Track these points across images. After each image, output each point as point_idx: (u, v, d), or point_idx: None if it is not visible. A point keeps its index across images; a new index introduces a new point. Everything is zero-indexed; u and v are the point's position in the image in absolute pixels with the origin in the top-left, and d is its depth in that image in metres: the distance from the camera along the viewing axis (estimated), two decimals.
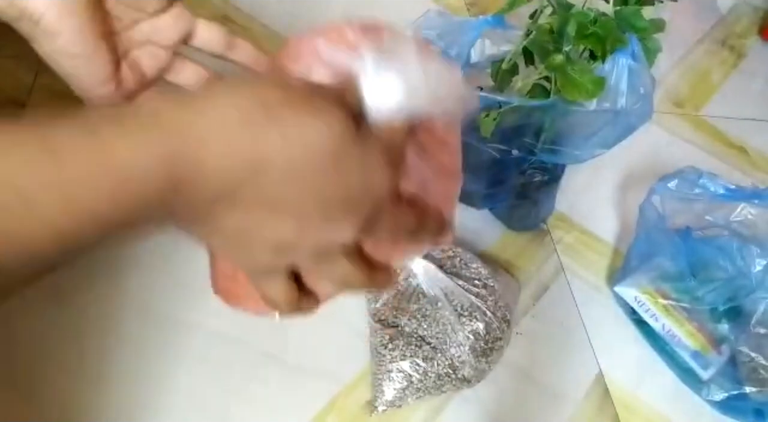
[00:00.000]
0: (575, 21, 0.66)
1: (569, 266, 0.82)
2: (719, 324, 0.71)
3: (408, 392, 0.64)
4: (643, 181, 0.77)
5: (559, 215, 0.88)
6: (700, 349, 0.71)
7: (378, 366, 0.65)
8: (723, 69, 1.18)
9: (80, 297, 0.65)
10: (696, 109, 1.10)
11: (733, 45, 1.23)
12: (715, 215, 0.72)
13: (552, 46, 0.67)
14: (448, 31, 0.74)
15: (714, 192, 0.71)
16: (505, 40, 0.76)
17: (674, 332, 0.73)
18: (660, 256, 0.73)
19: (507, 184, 0.80)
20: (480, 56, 0.78)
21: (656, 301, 0.74)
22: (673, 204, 0.72)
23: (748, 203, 0.71)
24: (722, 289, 0.69)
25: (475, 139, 0.73)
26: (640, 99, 0.66)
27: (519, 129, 0.72)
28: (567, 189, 0.86)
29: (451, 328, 0.66)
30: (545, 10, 0.70)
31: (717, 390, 0.71)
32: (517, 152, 0.73)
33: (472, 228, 0.82)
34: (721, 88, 1.15)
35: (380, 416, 0.64)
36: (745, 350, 0.69)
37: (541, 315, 0.77)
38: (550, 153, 0.73)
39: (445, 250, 0.73)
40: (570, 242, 0.85)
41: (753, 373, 0.69)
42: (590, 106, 0.68)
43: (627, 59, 0.66)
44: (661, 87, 1.06)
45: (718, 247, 0.70)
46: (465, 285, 0.69)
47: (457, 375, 0.65)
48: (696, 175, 0.72)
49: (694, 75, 1.15)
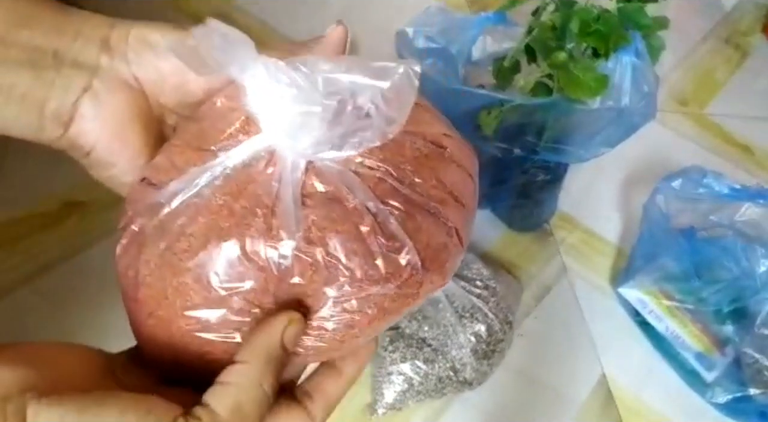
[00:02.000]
0: (578, 18, 0.65)
1: (572, 267, 0.82)
2: (723, 325, 0.71)
3: (408, 395, 0.64)
4: (647, 180, 0.76)
5: (561, 215, 0.87)
6: (704, 351, 0.71)
7: (378, 368, 0.65)
8: (727, 67, 1.18)
9: (77, 296, 0.65)
10: (700, 108, 1.09)
11: (737, 43, 1.22)
12: (719, 215, 0.72)
13: (554, 44, 0.67)
14: (448, 28, 0.73)
15: (718, 191, 0.70)
16: (507, 37, 0.76)
17: (678, 333, 0.72)
18: (664, 257, 0.72)
19: (509, 183, 0.79)
20: (481, 54, 0.78)
21: (660, 302, 0.73)
22: (677, 203, 0.72)
23: (753, 203, 0.70)
24: (727, 290, 0.69)
25: (476, 137, 0.72)
26: (644, 97, 0.65)
27: (521, 127, 0.72)
28: (570, 188, 0.86)
29: (452, 330, 0.65)
30: (548, 6, 0.70)
31: (721, 392, 0.70)
32: (519, 151, 0.73)
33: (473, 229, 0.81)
34: (725, 86, 1.14)
35: (380, 419, 0.64)
36: (750, 351, 0.69)
37: (544, 317, 0.76)
38: (553, 152, 0.72)
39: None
40: (573, 242, 0.85)
41: (758, 375, 0.68)
42: (593, 105, 0.67)
43: (630, 57, 0.65)
44: (664, 85, 1.05)
45: (722, 248, 0.70)
46: (466, 287, 0.68)
47: (458, 377, 0.65)
48: (700, 175, 0.71)
49: (698, 73, 1.15)
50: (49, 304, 0.63)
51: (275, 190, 0.28)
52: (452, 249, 0.30)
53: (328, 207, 0.28)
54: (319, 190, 0.28)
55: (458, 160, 0.31)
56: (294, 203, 0.27)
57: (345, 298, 0.28)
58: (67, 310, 0.63)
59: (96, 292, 0.65)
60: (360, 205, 0.28)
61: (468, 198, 0.32)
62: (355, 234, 0.27)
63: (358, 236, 0.27)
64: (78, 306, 0.64)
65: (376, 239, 0.27)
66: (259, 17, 1.02)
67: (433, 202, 0.29)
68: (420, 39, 0.71)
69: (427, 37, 0.71)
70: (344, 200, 0.28)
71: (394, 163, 0.29)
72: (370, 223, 0.27)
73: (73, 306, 0.64)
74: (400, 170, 0.29)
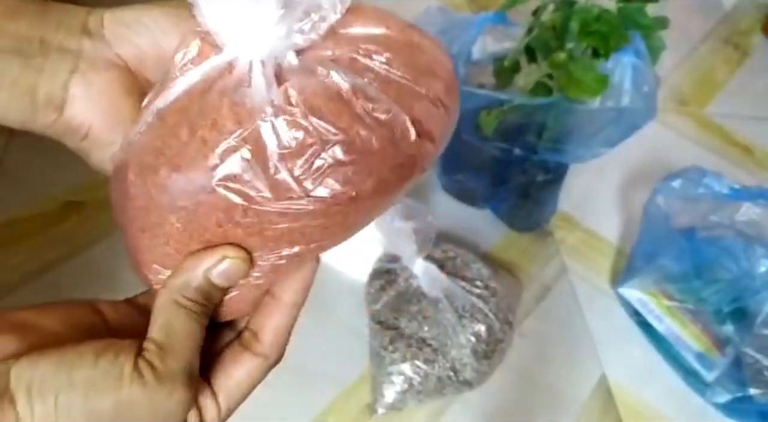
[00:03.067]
0: (578, 18, 0.65)
1: (572, 267, 0.82)
2: (724, 325, 0.71)
3: (408, 395, 0.64)
4: (647, 180, 0.76)
5: (561, 215, 0.87)
6: (704, 351, 0.71)
7: (378, 368, 0.65)
8: (727, 67, 1.18)
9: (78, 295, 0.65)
10: (700, 108, 1.09)
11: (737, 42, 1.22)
12: (719, 215, 0.72)
13: (555, 44, 0.67)
14: (449, 28, 0.73)
15: (718, 191, 0.70)
16: (507, 37, 0.76)
17: (678, 333, 0.72)
18: (664, 257, 0.72)
19: (509, 183, 0.79)
20: (482, 53, 0.78)
21: (660, 302, 0.73)
22: (677, 204, 0.72)
23: (753, 203, 0.70)
24: (727, 290, 0.69)
25: (476, 137, 0.73)
26: (644, 97, 0.65)
27: (521, 127, 0.72)
28: (570, 188, 0.86)
29: (452, 330, 0.65)
30: (548, 6, 0.70)
31: (721, 392, 0.70)
32: (519, 151, 0.73)
33: (473, 229, 0.82)
34: (725, 86, 1.14)
35: (380, 419, 0.64)
36: (750, 352, 0.69)
37: (544, 317, 0.76)
38: (553, 152, 0.72)
39: (446, 251, 0.72)
40: (573, 242, 0.85)
41: (758, 375, 0.68)
42: (593, 105, 0.67)
43: (630, 57, 0.65)
44: (664, 85, 1.05)
45: (722, 248, 0.70)
46: (466, 287, 0.68)
47: (458, 377, 0.65)
48: (700, 175, 0.71)
49: (698, 73, 1.15)
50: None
51: (242, 92, 0.27)
52: (438, 116, 0.29)
53: (304, 81, 0.27)
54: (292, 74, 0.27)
55: (427, 46, 0.31)
56: (268, 85, 0.27)
57: (344, 165, 0.26)
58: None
59: (97, 291, 0.65)
60: (336, 76, 0.27)
61: (446, 74, 0.30)
62: (337, 98, 0.26)
63: (341, 99, 0.26)
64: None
65: (360, 102, 0.27)
66: None
67: (410, 75, 0.28)
68: None
69: None
70: (318, 75, 0.27)
71: (363, 50, 0.28)
72: (349, 89, 0.27)
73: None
74: (369, 54, 0.28)
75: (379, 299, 0.69)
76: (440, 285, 0.67)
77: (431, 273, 0.68)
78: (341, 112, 0.26)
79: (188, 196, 0.27)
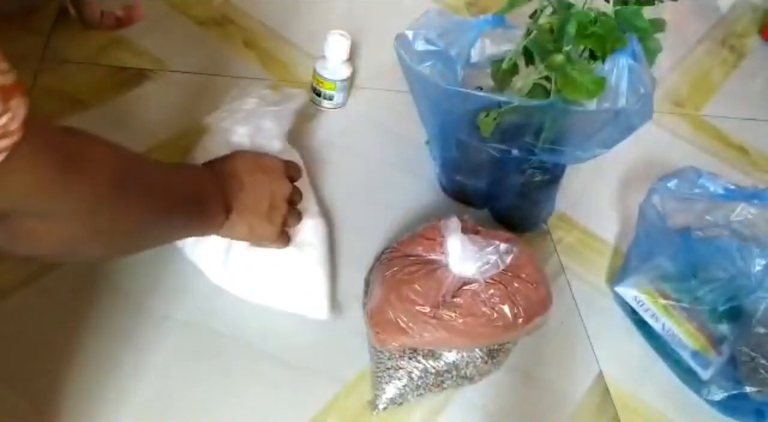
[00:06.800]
0: (575, 21, 0.66)
1: (569, 266, 0.83)
2: (719, 324, 0.71)
3: (408, 389, 0.64)
4: (644, 180, 0.77)
5: (559, 215, 0.88)
6: (700, 349, 0.71)
7: (377, 364, 0.65)
8: (723, 69, 1.19)
9: (76, 295, 0.65)
10: (696, 109, 1.10)
11: (733, 45, 1.23)
12: (715, 215, 0.72)
13: (552, 46, 0.67)
14: (447, 31, 0.74)
15: (714, 192, 0.71)
16: (505, 39, 0.76)
17: (674, 332, 0.73)
18: (660, 256, 0.73)
19: (507, 184, 0.80)
20: (480, 56, 0.78)
21: (656, 301, 0.74)
22: (673, 204, 0.72)
23: (748, 203, 0.71)
24: (722, 289, 0.69)
25: (475, 138, 0.73)
26: (641, 99, 0.66)
27: (519, 129, 0.72)
28: (567, 189, 0.86)
29: None
30: (545, 9, 0.71)
31: (717, 390, 0.70)
32: (517, 152, 0.73)
33: None
34: (721, 87, 1.15)
35: (381, 414, 0.64)
36: (746, 350, 0.69)
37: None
38: (551, 153, 0.73)
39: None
40: (570, 242, 0.85)
41: (753, 373, 0.69)
42: (590, 106, 0.68)
43: (627, 59, 0.66)
44: (661, 87, 1.06)
45: (718, 247, 0.70)
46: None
47: (459, 372, 0.65)
48: (696, 175, 0.72)
49: (694, 75, 1.16)
50: (53, 304, 0.64)
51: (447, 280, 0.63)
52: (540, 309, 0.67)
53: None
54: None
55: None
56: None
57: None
58: (71, 310, 0.64)
59: (100, 292, 0.66)
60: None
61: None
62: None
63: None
64: (82, 306, 0.64)
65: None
66: (259, 18, 1.02)
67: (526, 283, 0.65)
68: (419, 42, 0.72)
69: (427, 39, 0.72)
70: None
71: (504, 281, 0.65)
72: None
73: (77, 305, 0.64)
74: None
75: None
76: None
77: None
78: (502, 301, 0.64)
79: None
